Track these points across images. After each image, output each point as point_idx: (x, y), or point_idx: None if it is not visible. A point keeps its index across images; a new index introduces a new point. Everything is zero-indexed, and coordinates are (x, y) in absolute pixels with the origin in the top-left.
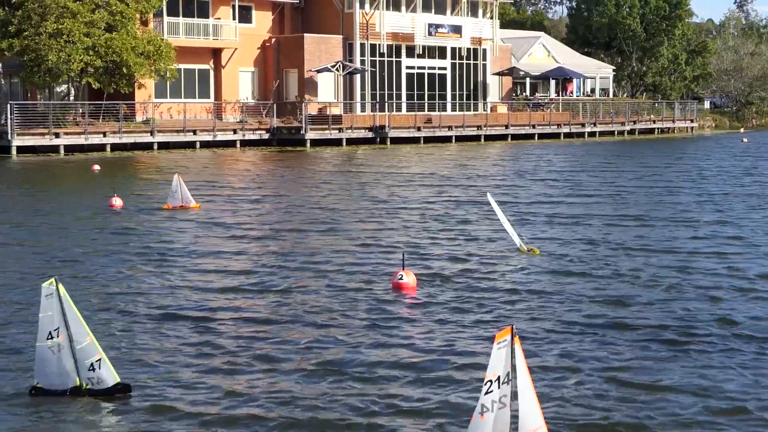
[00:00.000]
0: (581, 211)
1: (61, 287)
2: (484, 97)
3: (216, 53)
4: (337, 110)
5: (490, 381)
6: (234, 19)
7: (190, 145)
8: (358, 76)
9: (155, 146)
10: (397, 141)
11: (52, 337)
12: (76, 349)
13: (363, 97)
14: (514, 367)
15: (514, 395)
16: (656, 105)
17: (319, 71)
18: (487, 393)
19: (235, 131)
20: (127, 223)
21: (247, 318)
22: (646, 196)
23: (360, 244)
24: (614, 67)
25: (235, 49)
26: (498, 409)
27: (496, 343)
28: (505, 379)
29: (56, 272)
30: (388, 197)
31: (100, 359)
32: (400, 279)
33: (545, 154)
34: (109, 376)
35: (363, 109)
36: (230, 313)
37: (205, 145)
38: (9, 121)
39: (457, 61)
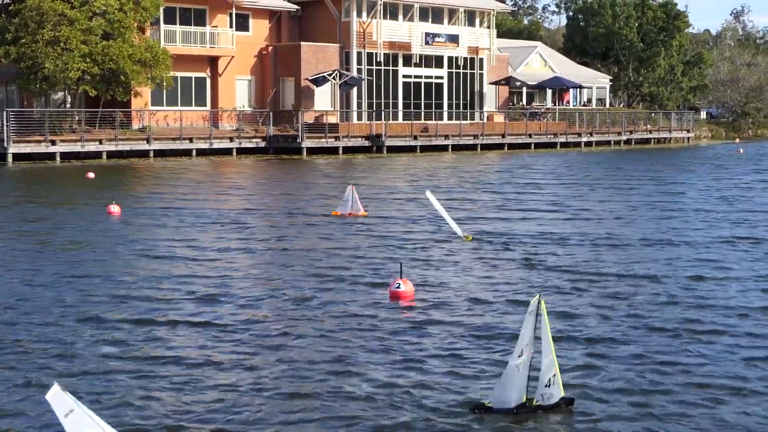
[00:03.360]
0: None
1: (542, 304)
2: (481, 107)
3: (213, 61)
4: (333, 119)
5: None
6: (231, 27)
7: (187, 152)
8: (354, 85)
9: (151, 154)
10: (393, 150)
11: (521, 355)
12: (541, 365)
13: (360, 105)
14: None
15: None
16: (653, 115)
17: (315, 80)
18: None
19: (231, 139)
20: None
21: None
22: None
23: (353, 254)
24: (611, 77)
25: (232, 57)
26: None
27: None
28: None
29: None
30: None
31: (555, 374)
32: (398, 288)
33: (529, 164)
34: (558, 390)
35: (359, 118)
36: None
37: (202, 152)
38: (5, 128)
39: (454, 70)
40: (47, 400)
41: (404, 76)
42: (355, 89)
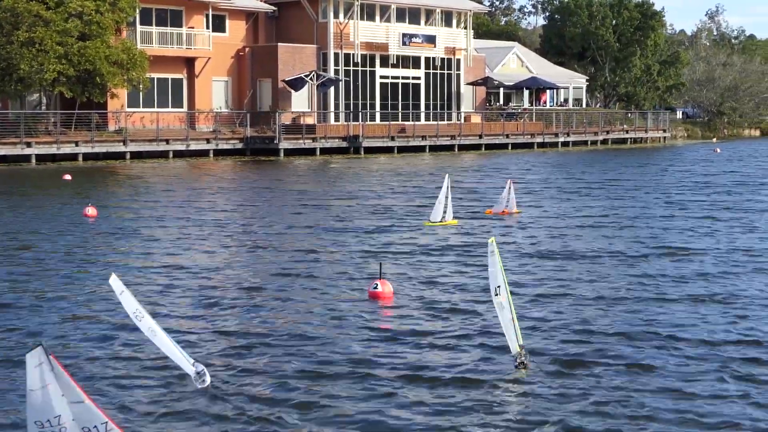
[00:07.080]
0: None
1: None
2: (458, 107)
3: (189, 62)
4: (310, 120)
5: None
6: (207, 28)
7: (163, 154)
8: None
9: (128, 156)
10: (371, 150)
11: (497, 294)
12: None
13: (337, 106)
14: None
15: None
16: (629, 115)
17: (293, 83)
18: None
19: (208, 141)
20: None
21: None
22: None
23: (333, 254)
24: (587, 78)
25: (209, 58)
26: None
27: None
28: None
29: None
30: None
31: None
32: (376, 288)
33: (485, 166)
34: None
35: (337, 119)
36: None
37: (179, 154)
38: None
39: (431, 71)
40: (109, 283)
41: (381, 77)
42: (332, 90)
